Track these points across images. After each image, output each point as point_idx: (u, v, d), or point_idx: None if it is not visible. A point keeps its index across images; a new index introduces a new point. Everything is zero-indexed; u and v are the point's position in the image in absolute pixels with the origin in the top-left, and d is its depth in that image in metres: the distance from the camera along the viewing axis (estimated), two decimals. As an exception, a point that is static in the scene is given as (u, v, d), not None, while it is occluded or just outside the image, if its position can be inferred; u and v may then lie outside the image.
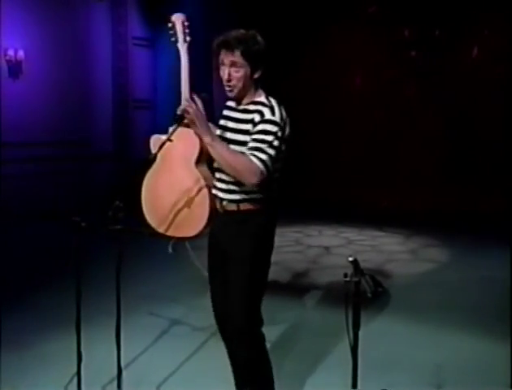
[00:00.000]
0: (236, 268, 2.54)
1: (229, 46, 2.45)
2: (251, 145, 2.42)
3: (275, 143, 2.41)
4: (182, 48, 2.90)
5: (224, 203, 2.55)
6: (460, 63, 9.02)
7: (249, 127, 2.48)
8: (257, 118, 2.46)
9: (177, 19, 2.93)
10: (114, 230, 2.63)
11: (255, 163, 2.36)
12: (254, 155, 2.38)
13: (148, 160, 2.59)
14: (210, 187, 2.64)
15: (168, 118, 2.96)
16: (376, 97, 9.60)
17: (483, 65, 8.84)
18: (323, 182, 9.65)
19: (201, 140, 2.66)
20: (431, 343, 3.80)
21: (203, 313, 4.21)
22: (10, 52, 8.04)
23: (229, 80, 2.49)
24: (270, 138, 2.41)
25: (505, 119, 8.51)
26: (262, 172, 2.36)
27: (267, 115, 2.44)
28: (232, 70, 2.47)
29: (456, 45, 9.07)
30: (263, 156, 2.38)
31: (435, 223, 8.04)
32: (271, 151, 2.40)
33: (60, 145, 8.63)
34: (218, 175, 2.59)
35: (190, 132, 2.72)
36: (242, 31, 2.51)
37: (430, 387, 3.14)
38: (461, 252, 6.48)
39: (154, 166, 2.80)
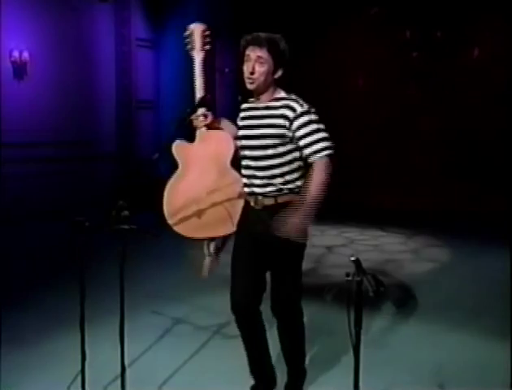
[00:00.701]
0: (285, 258, 2.64)
1: (258, 42, 2.60)
2: (307, 140, 2.56)
3: (322, 126, 2.61)
4: (198, 56, 2.92)
5: (260, 198, 2.62)
6: (461, 64, 9.01)
7: (281, 121, 2.59)
8: (289, 113, 2.59)
9: (197, 28, 2.95)
10: (118, 229, 2.63)
11: (323, 160, 2.53)
12: (314, 151, 2.54)
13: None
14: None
15: (171, 118, 2.98)
16: (378, 97, 9.59)
17: (484, 66, 8.83)
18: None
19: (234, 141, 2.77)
20: (432, 342, 3.79)
21: (206, 312, 4.24)
22: (16, 53, 8.05)
23: (252, 73, 2.60)
24: (316, 126, 2.59)
25: (506, 119, 8.50)
26: (330, 159, 2.55)
27: (299, 108, 2.61)
28: (256, 64, 2.60)
29: (457, 46, 9.06)
30: (325, 143, 2.56)
31: (436, 223, 8.03)
32: (325, 134, 2.60)
33: (64, 145, 8.64)
34: (249, 172, 2.66)
35: (219, 133, 2.75)
36: (269, 34, 2.67)
37: (431, 385, 3.13)
38: (462, 252, 6.47)
39: (180, 172, 2.81)
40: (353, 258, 2.12)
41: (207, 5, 9.38)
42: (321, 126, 2.62)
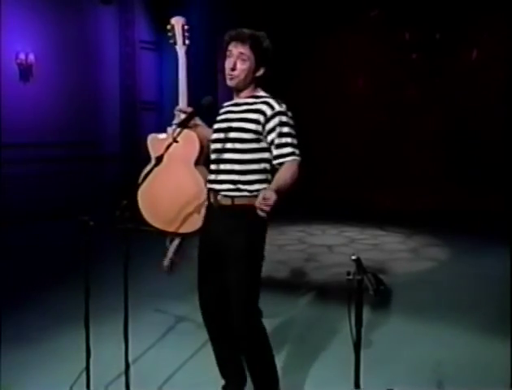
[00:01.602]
0: (233, 263, 2.54)
1: (241, 38, 2.53)
2: (278, 141, 2.49)
3: (294, 132, 2.52)
4: (180, 50, 2.92)
5: (219, 198, 2.56)
6: (460, 66, 8.99)
7: (256, 116, 2.51)
8: (267, 110, 2.51)
9: (177, 22, 2.95)
10: (122, 229, 2.63)
11: (295, 162, 2.47)
12: (287, 154, 2.47)
13: (157, 159, 2.59)
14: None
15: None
16: (378, 98, 9.59)
17: (483, 67, 8.82)
18: (325, 182, 9.63)
19: (200, 141, 2.71)
20: (431, 339, 3.78)
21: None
22: (22, 56, 8.07)
23: (233, 69, 2.53)
24: (289, 130, 2.51)
25: (505, 119, 8.48)
26: (299, 162, 2.49)
27: (277, 107, 2.51)
28: (238, 60, 2.53)
29: (456, 47, 9.04)
30: (293, 149, 2.49)
31: (435, 222, 8.01)
32: (295, 141, 2.52)
33: (69, 145, 8.65)
34: (215, 166, 2.60)
35: (189, 133, 2.73)
36: (253, 31, 2.59)
37: (430, 382, 3.13)
38: (460, 251, 6.46)
39: (149, 167, 2.76)
40: (354, 257, 2.11)
41: (210, 7, 9.38)
42: (293, 131, 2.52)
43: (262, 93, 2.61)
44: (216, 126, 2.67)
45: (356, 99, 9.76)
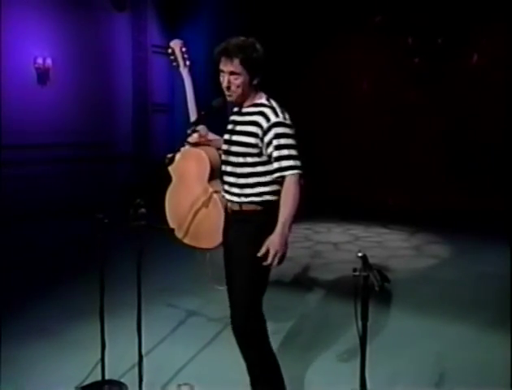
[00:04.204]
0: (236, 266, 2.51)
1: (228, 54, 2.40)
2: (276, 154, 2.38)
3: (293, 141, 2.41)
4: (183, 71, 2.91)
5: (229, 204, 2.54)
6: (461, 70, 8.94)
7: (254, 129, 2.43)
8: (263, 122, 2.41)
9: (175, 46, 2.94)
10: (135, 226, 2.63)
11: (293, 177, 2.37)
12: (285, 167, 2.37)
13: (170, 159, 2.61)
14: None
15: (185, 121, 2.98)
16: (382, 101, 9.55)
17: (483, 71, 8.76)
18: (331, 182, 9.61)
19: (210, 159, 2.76)
20: (434, 334, 3.77)
21: (218, 305, 4.20)
22: (39, 60, 8.12)
23: (228, 87, 2.45)
24: (286, 141, 2.39)
25: (504, 122, 8.43)
26: (299, 176, 2.38)
27: (273, 118, 2.40)
28: (231, 78, 2.43)
29: (457, 52, 8.99)
30: (292, 161, 2.38)
31: (437, 221, 7.97)
32: (294, 151, 2.40)
33: (84, 146, 8.68)
34: (225, 179, 2.56)
35: (200, 154, 2.77)
36: (242, 38, 2.47)
37: (432, 375, 3.11)
38: (462, 248, 6.43)
39: (174, 184, 2.90)
40: (360, 254, 2.10)
41: (219, 11, 9.38)
42: (292, 141, 2.40)
43: (263, 101, 2.48)
44: (224, 137, 2.62)
45: (360, 101, 9.73)
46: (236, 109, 2.63)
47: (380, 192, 9.28)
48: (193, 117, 2.94)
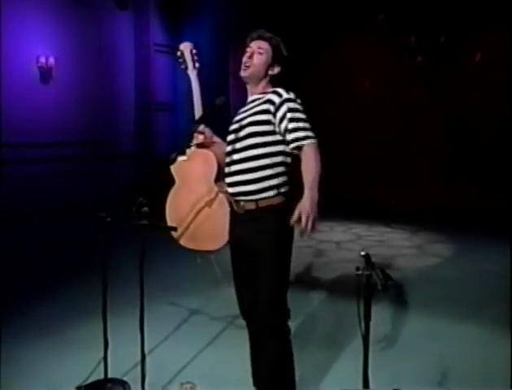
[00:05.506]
0: (261, 266, 2.45)
1: (263, 36, 2.56)
2: (291, 126, 2.39)
3: (306, 117, 2.43)
4: (192, 74, 2.90)
5: (242, 203, 2.49)
6: (463, 69, 8.92)
7: (266, 106, 2.45)
8: (275, 98, 2.44)
9: (185, 48, 2.92)
10: (138, 225, 2.63)
11: (312, 146, 2.38)
12: (303, 137, 2.38)
13: (170, 160, 2.59)
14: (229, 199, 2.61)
15: (187, 120, 2.96)
16: (385, 100, 9.53)
17: (486, 70, 8.74)
18: (333, 181, 9.59)
19: (217, 159, 2.71)
20: (437, 333, 3.77)
21: (221, 303, 4.23)
22: (42, 59, 8.13)
23: (250, 57, 2.53)
24: (300, 115, 2.42)
25: (506, 121, 8.41)
26: (317, 144, 2.40)
27: (284, 94, 2.45)
28: (255, 54, 2.53)
29: (460, 51, 8.97)
30: (308, 132, 2.39)
31: (440, 220, 7.97)
32: (308, 125, 2.42)
33: (86, 145, 8.69)
34: (233, 178, 2.51)
35: (207, 154, 2.74)
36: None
37: (436, 374, 3.11)
38: (464, 247, 6.42)
39: (175, 188, 2.86)
40: (363, 253, 2.09)
41: (221, 11, 9.38)
42: (305, 116, 2.43)
43: (270, 89, 2.53)
44: (231, 128, 2.59)
45: (363, 100, 9.72)
46: (241, 109, 2.59)
47: (383, 191, 9.28)
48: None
